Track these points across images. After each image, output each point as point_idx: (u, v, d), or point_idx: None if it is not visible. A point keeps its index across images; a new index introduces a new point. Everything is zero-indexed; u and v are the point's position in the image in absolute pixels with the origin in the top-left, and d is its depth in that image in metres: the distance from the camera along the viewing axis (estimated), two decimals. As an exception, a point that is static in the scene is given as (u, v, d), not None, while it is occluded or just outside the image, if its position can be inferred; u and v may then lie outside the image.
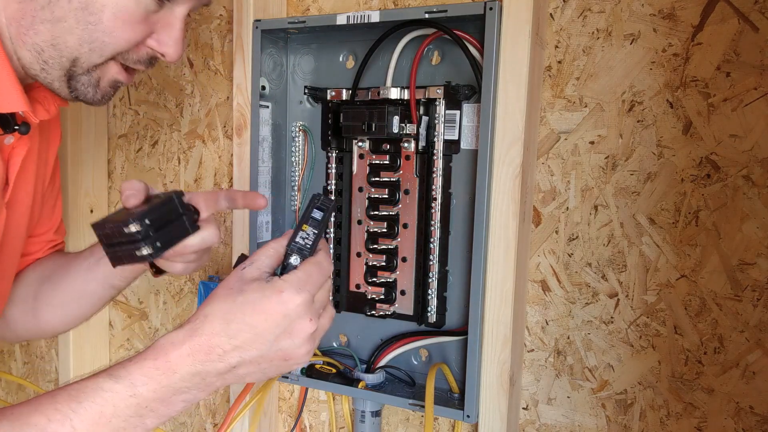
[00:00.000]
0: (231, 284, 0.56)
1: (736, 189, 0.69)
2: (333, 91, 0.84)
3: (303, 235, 0.59)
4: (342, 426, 0.95)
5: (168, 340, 0.53)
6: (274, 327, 0.54)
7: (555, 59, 0.76)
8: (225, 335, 0.53)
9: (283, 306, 0.54)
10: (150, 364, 0.52)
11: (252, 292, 0.54)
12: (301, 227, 0.59)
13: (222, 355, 0.53)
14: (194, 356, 0.52)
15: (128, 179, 0.70)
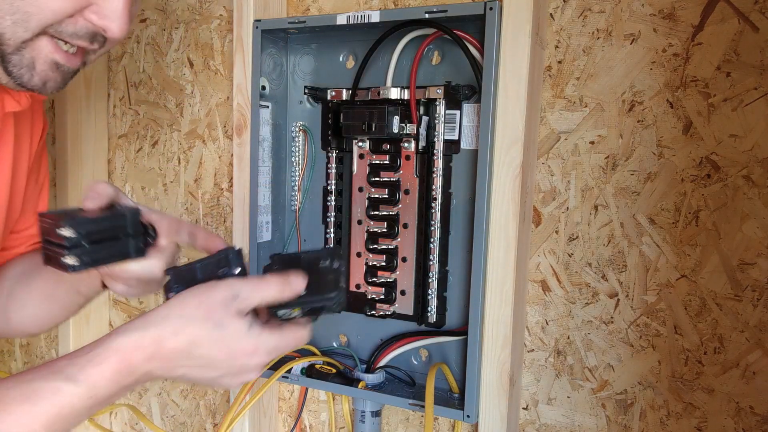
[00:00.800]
0: (214, 308, 0.54)
1: (736, 189, 0.69)
2: (333, 91, 0.84)
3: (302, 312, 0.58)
4: (342, 426, 0.95)
5: (131, 342, 0.53)
6: (228, 368, 0.56)
7: (555, 59, 0.76)
8: (186, 356, 0.54)
9: (249, 359, 0.56)
10: (113, 368, 0.52)
11: (230, 333, 0.54)
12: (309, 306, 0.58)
13: (173, 367, 0.54)
14: (151, 362, 0.53)
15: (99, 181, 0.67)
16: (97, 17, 0.58)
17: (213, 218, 1.03)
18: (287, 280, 0.57)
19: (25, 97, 0.68)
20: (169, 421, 1.12)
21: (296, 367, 0.84)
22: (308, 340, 0.60)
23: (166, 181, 1.07)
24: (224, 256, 0.58)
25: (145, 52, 1.07)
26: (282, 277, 0.57)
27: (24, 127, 0.76)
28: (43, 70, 0.59)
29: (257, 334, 0.55)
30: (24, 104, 0.68)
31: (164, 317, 0.54)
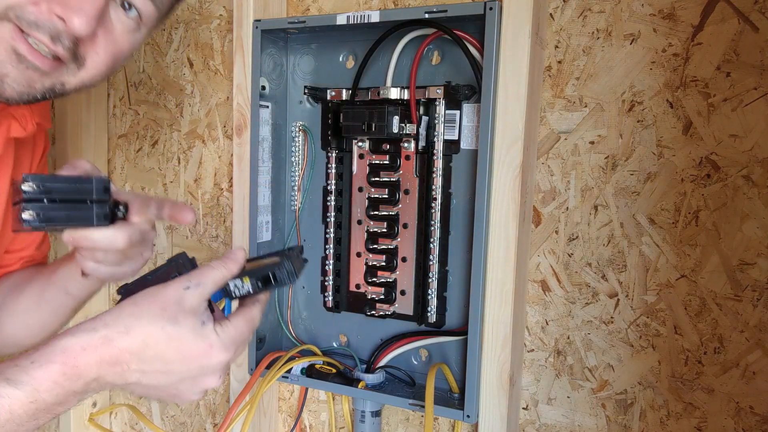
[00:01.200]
0: (167, 303, 0.52)
1: (736, 189, 0.69)
2: (333, 91, 0.84)
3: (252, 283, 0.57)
4: (342, 426, 0.95)
5: (78, 342, 0.50)
6: (185, 371, 0.53)
7: (555, 59, 0.76)
8: (138, 357, 0.51)
9: (205, 359, 0.53)
10: (57, 370, 0.49)
11: (184, 329, 0.52)
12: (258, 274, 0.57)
13: (125, 372, 0.51)
14: (100, 365, 0.50)
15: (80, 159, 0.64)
16: (60, 7, 0.55)
17: (213, 218, 1.03)
18: (227, 256, 0.57)
19: (31, 124, 0.67)
20: (169, 421, 1.12)
21: (296, 367, 0.84)
22: (259, 319, 0.58)
23: (166, 181, 1.07)
24: (175, 263, 0.58)
25: (144, 52, 1.07)
26: (220, 258, 0.57)
27: (25, 152, 0.75)
28: (1, 61, 0.56)
29: (211, 329, 0.53)
30: (29, 131, 0.67)
31: (115, 316, 0.52)
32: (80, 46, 0.59)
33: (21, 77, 0.57)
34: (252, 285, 0.58)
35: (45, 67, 0.57)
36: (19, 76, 0.57)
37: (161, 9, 0.64)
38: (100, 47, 0.60)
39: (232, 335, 0.55)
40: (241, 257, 0.58)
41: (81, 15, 0.55)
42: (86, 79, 0.62)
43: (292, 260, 0.58)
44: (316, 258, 0.89)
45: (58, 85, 0.60)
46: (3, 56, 0.55)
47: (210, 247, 1.04)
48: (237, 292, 0.58)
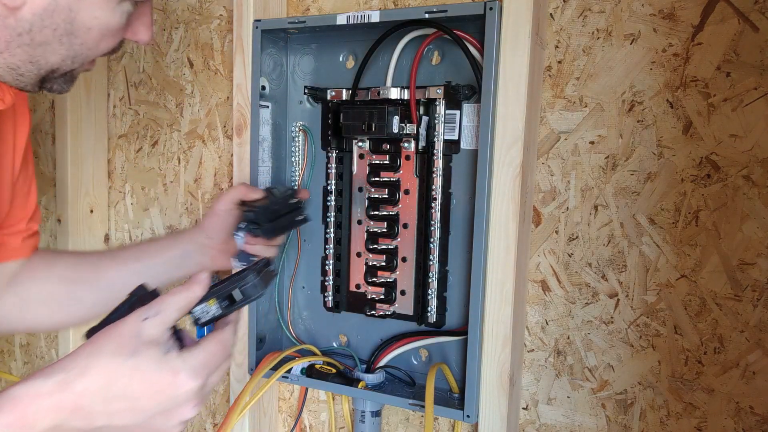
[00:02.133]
0: (125, 338, 0.51)
1: (736, 189, 0.69)
2: (333, 91, 0.84)
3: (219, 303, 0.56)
4: (342, 426, 0.95)
5: (30, 389, 0.47)
6: (155, 405, 0.51)
7: (555, 59, 0.76)
8: (100, 398, 0.49)
9: (173, 389, 0.51)
10: (5, 422, 0.46)
11: (145, 360, 0.50)
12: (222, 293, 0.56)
13: (89, 415, 0.49)
14: (58, 412, 0.48)
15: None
16: (132, 35, 0.65)
17: (213, 218, 1.03)
18: (190, 280, 0.55)
19: (9, 95, 0.68)
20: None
21: (296, 367, 0.84)
22: (231, 340, 0.56)
23: (166, 181, 1.07)
24: (135, 297, 0.56)
25: (145, 52, 1.07)
26: (184, 283, 0.55)
27: (7, 125, 0.76)
28: (76, 79, 0.66)
29: (175, 357, 0.51)
30: (8, 102, 0.67)
31: (72, 359, 0.50)
32: None
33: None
34: (218, 307, 0.56)
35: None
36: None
37: None
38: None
39: (201, 360, 0.53)
40: (205, 279, 0.56)
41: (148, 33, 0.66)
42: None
43: (258, 273, 0.57)
44: (316, 258, 0.89)
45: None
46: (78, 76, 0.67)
47: (210, 247, 1.04)
48: (204, 317, 0.57)
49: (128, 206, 1.12)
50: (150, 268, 0.80)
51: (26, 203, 0.82)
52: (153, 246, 0.83)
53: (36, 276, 0.81)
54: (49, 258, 0.84)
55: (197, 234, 0.81)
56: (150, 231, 1.10)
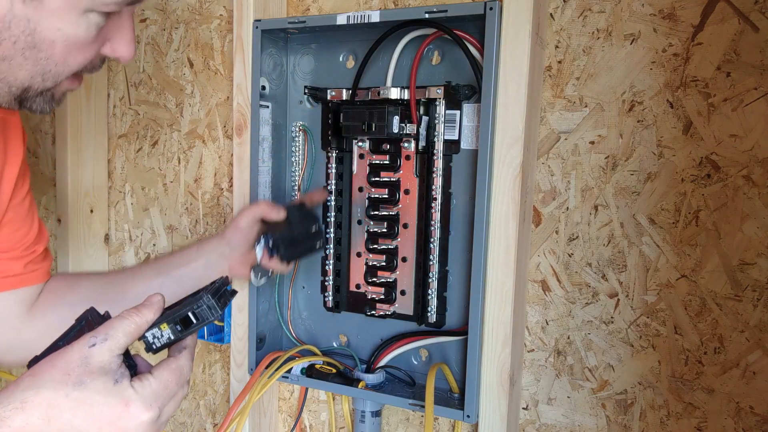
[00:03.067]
0: (70, 366, 0.47)
1: (737, 189, 0.69)
2: (333, 91, 0.84)
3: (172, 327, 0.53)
4: (342, 426, 0.95)
5: None
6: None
7: (555, 59, 0.76)
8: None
9: (123, 421, 0.47)
10: None
11: (92, 392, 0.46)
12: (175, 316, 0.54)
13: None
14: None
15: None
16: (111, 51, 0.61)
17: (213, 218, 1.03)
18: (142, 303, 0.52)
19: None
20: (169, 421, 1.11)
21: (296, 367, 0.84)
22: (188, 367, 0.53)
23: (166, 181, 1.07)
24: (84, 323, 0.54)
25: (145, 52, 1.07)
26: (136, 306, 0.52)
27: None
28: (58, 100, 0.63)
29: (126, 386, 0.48)
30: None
31: (10, 392, 0.46)
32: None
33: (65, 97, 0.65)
34: (172, 331, 0.54)
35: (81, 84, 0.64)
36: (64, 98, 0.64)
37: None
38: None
39: (154, 389, 0.49)
40: (157, 302, 0.53)
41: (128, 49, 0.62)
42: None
43: (213, 294, 0.54)
44: (316, 258, 0.89)
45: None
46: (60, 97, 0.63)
47: (210, 247, 1.04)
48: (157, 342, 0.54)
49: (128, 206, 1.12)
50: (175, 280, 0.79)
51: (25, 228, 0.79)
52: (176, 258, 0.82)
53: (58, 302, 0.79)
54: (71, 281, 0.82)
55: (220, 244, 0.81)
56: (150, 231, 1.10)
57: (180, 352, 0.54)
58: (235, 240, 0.80)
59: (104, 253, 1.14)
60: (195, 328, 0.54)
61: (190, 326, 0.54)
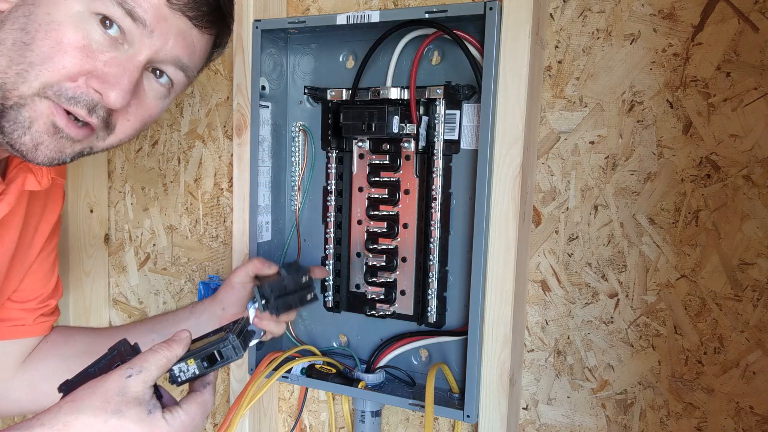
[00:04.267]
0: (109, 395, 0.51)
1: (736, 189, 0.69)
2: (333, 91, 0.84)
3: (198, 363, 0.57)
4: (342, 426, 0.95)
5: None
6: None
7: (555, 59, 0.76)
8: None
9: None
10: None
11: (128, 420, 0.50)
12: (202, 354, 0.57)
13: None
14: None
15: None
16: (97, 82, 0.56)
17: (213, 218, 1.03)
18: (171, 338, 0.55)
19: (47, 179, 0.68)
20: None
21: (296, 367, 0.84)
22: (212, 402, 0.57)
23: (166, 181, 1.07)
24: (117, 351, 0.57)
25: (145, 52, 1.07)
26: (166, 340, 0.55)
27: (37, 206, 0.76)
28: (38, 132, 0.57)
29: (158, 419, 0.52)
30: (44, 185, 0.68)
31: (53, 415, 0.50)
32: (113, 115, 0.60)
33: (54, 145, 0.58)
34: (198, 366, 0.57)
35: (78, 136, 0.59)
36: (53, 144, 0.58)
37: (190, 76, 0.65)
38: (131, 114, 0.62)
39: (183, 421, 0.53)
40: (186, 338, 0.57)
41: (117, 89, 0.57)
42: (114, 142, 0.63)
43: (238, 334, 0.57)
44: (316, 258, 0.89)
45: (86, 150, 0.62)
46: (41, 128, 0.56)
47: (210, 247, 1.04)
48: (183, 376, 0.57)
49: (128, 206, 1.12)
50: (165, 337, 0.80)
51: (45, 281, 0.81)
52: (169, 317, 0.83)
53: (52, 353, 0.80)
54: (68, 334, 0.83)
55: (212, 305, 0.81)
56: (150, 231, 1.10)
57: (204, 388, 0.57)
58: (228, 299, 0.80)
59: (104, 253, 1.14)
60: (219, 366, 0.57)
61: (215, 364, 0.57)
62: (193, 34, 0.61)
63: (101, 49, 0.56)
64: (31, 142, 0.57)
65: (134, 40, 0.57)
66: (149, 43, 0.58)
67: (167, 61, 0.60)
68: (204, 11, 0.60)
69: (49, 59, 0.54)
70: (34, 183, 0.68)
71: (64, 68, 0.55)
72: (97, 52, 0.56)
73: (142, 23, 0.56)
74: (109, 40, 0.56)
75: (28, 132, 0.56)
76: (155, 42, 0.58)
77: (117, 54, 0.57)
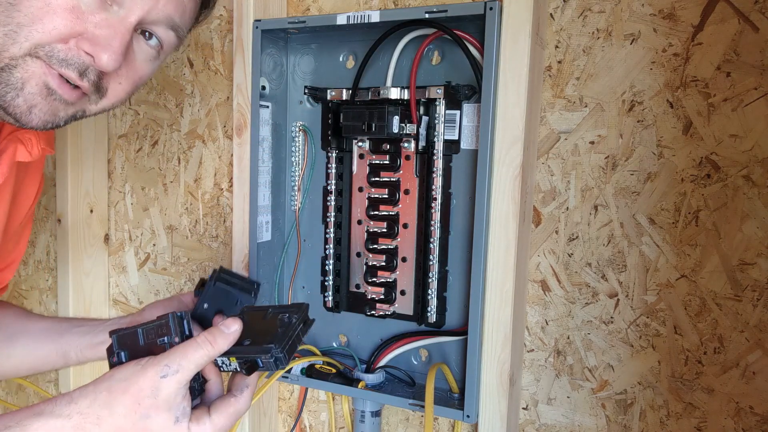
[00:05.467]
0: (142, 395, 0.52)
1: (736, 189, 0.69)
2: (333, 91, 0.84)
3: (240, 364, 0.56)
4: (342, 426, 0.95)
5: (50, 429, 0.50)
6: None
7: (555, 59, 0.76)
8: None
9: None
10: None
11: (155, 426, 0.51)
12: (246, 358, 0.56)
13: None
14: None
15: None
16: (88, 44, 0.56)
17: (213, 218, 1.03)
18: (217, 332, 0.55)
19: (37, 149, 0.67)
20: (169, 421, 1.11)
21: (296, 367, 0.84)
22: (246, 408, 0.56)
23: (166, 181, 1.07)
24: (165, 323, 0.56)
25: (145, 52, 1.07)
26: (212, 331, 0.55)
27: (25, 179, 0.75)
28: (31, 93, 0.56)
29: (184, 428, 0.52)
30: (35, 155, 0.67)
31: (90, 402, 0.51)
32: (104, 78, 0.60)
33: (47, 108, 0.58)
34: (239, 365, 0.57)
35: (71, 98, 0.59)
36: (46, 106, 0.58)
37: (181, 36, 0.64)
38: (122, 77, 0.61)
39: (220, 426, 0.54)
40: (234, 332, 0.56)
41: (109, 52, 0.56)
42: (107, 106, 0.63)
43: (289, 340, 0.56)
44: (316, 258, 0.89)
45: (79, 113, 0.62)
46: (34, 89, 0.56)
47: (210, 247, 1.04)
48: (225, 367, 0.57)
49: (128, 206, 1.12)
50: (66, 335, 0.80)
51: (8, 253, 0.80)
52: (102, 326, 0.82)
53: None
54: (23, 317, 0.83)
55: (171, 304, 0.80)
56: (150, 231, 1.10)
57: (241, 393, 0.57)
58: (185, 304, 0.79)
59: (104, 253, 1.14)
60: (261, 371, 0.57)
61: (254, 370, 0.56)
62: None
63: (91, 10, 0.55)
64: (24, 104, 0.56)
65: (125, 1, 0.57)
66: (141, 3, 0.57)
67: (159, 21, 0.60)
68: None
69: (39, 20, 0.53)
70: (25, 154, 0.67)
71: (54, 29, 0.54)
72: (87, 14, 0.55)
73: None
74: (99, 1, 0.55)
75: (21, 93, 0.56)
76: (147, 2, 0.57)
77: (107, 15, 0.56)
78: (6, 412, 0.53)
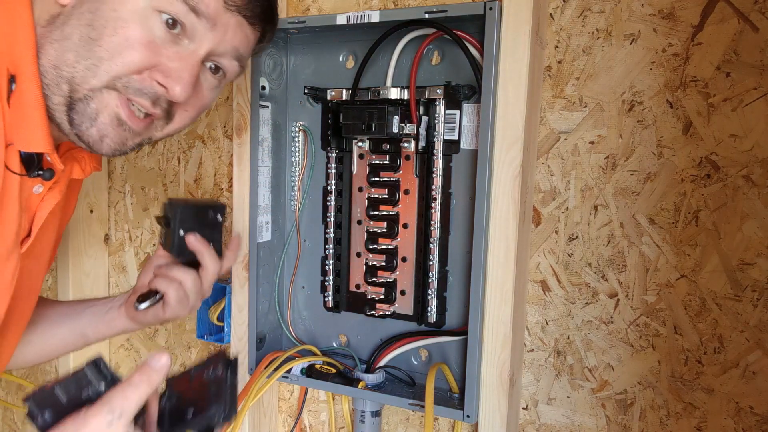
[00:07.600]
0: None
1: (736, 189, 0.69)
2: (333, 91, 0.84)
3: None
4: (342, 426, 0.95)
5: None
6: None
7: (555, 59, 0.76)
8: None
9: None
10: None
11: None
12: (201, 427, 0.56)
13: None
14: None
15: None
16: (162, 75, 0.59)
17: (213, 218, 1.03)
18: (148, 369, 0.54)
19: (90, 167, 0.70)
20: None
21: (296, 367, 0.84)
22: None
23: (166, 181, 1.07)
24: (83, 374, 0.55)
25: (145, 52, 1.07)
26: (143, 369, 0.54)
27: (71, 195, 0.77)
28: (104, 124, 0.60)
29: None
30: (87, 173, 0.70)
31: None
32: (173, 106, 0.63)
33: (118, 138, 0.62)
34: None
35: (138, 128, 0.62)
36: (117, 137, 0.62)
37: (243, 65, 0.68)
38: (189, 105, 0.65)
39: None
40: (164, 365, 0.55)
41: (181, 84, 0.60)
42: (171, 131, 0.66)
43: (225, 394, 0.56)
44: (316, 258, 0.89)
45: (145, 140, 0.65)
46: (106, 120, 0.60)
47: (210, 247, 1.04)
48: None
49: (128, 206, 1.12)
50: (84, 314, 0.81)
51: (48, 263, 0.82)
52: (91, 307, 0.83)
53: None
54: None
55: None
56: (150, 231, 1.10)
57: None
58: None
59: (104, 253, 1.14)
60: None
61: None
62: (246, 28, 0.64)
63: (164, 44, 0.59)
64: (97, 134, 0.60)
65: (195, 35, 0.60)
66: (210, 37, 0.61)
67: (226, 52, 0.63)
68: (257, 11, 0.64)
69: (118, 54, 0.57)
70: (79, 172, 0.69)
71: (132, 62, 0.58)
72: (161, 47, 0.59)
73: (204, 17, 0.59)
74: (172, 35, 0.59)
75: (95, 124, 0.60)
76: (216, 36, 0.61)
77: (179, 49, 0.60)
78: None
